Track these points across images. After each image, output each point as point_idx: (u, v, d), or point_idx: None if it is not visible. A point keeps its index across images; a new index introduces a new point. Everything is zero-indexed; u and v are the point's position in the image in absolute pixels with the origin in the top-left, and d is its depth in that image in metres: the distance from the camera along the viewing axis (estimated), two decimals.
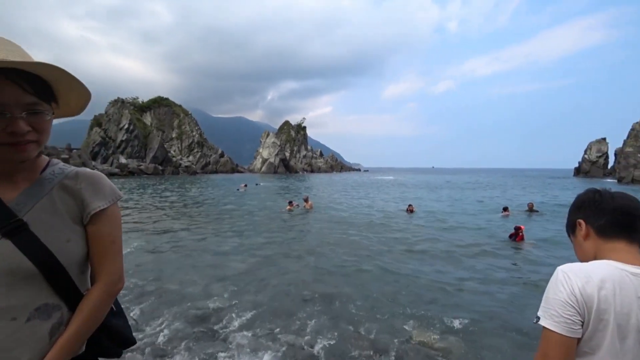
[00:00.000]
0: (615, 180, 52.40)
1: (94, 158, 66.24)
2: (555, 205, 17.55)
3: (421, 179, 56.54)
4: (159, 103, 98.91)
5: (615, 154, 62.72)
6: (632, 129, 60.11)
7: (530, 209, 14.55)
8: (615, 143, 67.64)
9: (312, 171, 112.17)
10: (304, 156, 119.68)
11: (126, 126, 74.07)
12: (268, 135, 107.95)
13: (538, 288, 5.25)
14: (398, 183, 43.69)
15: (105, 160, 67.34)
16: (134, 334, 1.13)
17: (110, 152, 70.30)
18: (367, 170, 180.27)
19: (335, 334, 3.86)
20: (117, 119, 75.38)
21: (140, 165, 67.36)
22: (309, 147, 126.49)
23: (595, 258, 1.07)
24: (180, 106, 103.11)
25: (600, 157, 68.14)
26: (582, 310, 0.94)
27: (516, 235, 8.77)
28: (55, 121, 0.96)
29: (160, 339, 3.71)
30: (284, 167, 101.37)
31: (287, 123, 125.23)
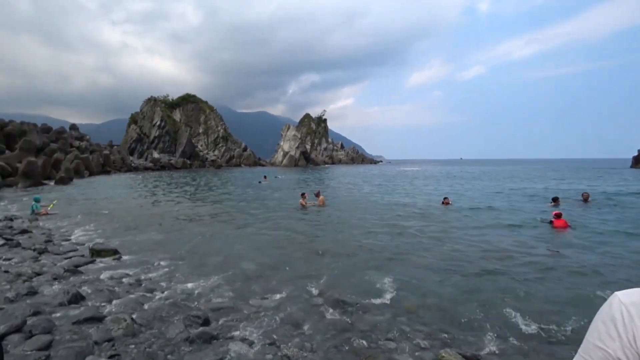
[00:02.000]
0: None
1: (131, 153, 71.73)
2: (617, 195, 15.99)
3: (449, 170, 54.81)
4: (187, 100, 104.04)
5: None
6: None
7: (585, 200, 13.65)
8: None
9: (332, 163, 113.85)
10: (325, 149, 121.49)
11: (158, 123, 79.23)
12: (289, 128, 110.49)
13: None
14: (426, 175, 41.56)
15: (140, 156, 72.82)
16: None
17: (145, 147, 75.73)
18: (390, 162, 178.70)
19: None
20: (150, 116, 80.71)
21: (171, 160, 72.18)
22: (329, 140, 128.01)
23: None
24: (206, 102, 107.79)
25: None
26: None
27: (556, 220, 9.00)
28: (101, 120, 1.74)
29: None
30: (305, 160, 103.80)
31: (307, 116, 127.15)
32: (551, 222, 9.21)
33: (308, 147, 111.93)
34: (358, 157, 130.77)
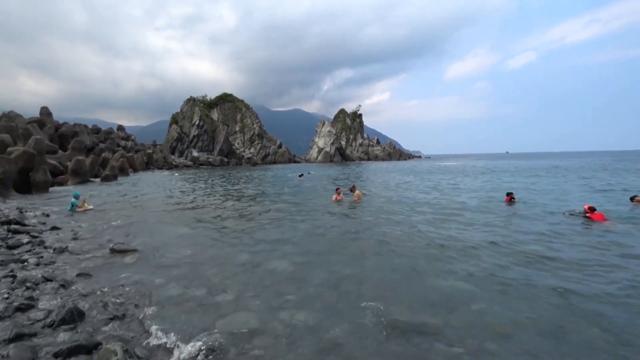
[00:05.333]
0: None
1: (172, 152, 75.12)
2: None
3: (498, 165, 49.54)
4: (224, 99, 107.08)
5: None
6: None
7: None
8: None
9: (368, 159, 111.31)
10: (360, 144, 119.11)
11: (197, 122, 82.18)
12: (324, 124, 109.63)
13: None
14: (478, 171, 36.27)
15: (181, 154, 76.02)
16: None
17: (185, 146, 78.92)
18: (429, 157, 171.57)
19: None
20: (190, 116, 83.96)
21: (209, 158, 74.48)
22: (365, 135, 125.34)
23: None
24: (242, 101, 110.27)
25: None
26: None
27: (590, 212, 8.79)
28: (148, 122, 1.29)
29: None
30: (340, 156, 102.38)
31: (342, 111, 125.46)
32: (587, 216, 8.88)
33: (343, 143, 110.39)
34: (395, 152, 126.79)
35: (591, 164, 46.55)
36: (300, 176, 29.93)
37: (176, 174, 40.18)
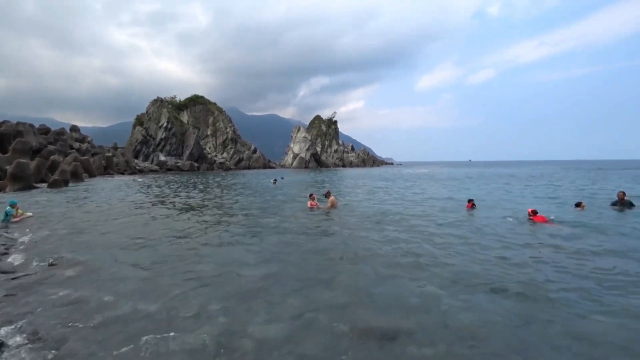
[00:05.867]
0: None
1: (136, 156, 70.18)
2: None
3: (465, 172, 52.27)
4: (195, 101, 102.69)
5: None
6: None
7: (621, 200, 12.13)
8: None
9: (343, 166, 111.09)
10: (335, 150, 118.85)
11: (165, 124, 77.63)
12: (299, 130, 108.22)
13: None
14: (447, 176, 38.96)
15: (146, 158, 71.16)
16: None
17: (151, 149, 74.09)
18: (401, 164, 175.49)
19: None
20: (157, 117, 79.21)
21: (178, 162, 70.34)
22: (340, 142, 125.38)
23: None
24: (214, 104, 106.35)
25: None
26: None
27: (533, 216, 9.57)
28: (108, 124, 0.74)
29: None
30: (315, 162, 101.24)
31: (318, 117, 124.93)
32: (530, 219, 9.60)
33: (318, 149, 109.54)
34: (369, 159, 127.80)
35: (543, 171, 49.85)
36: (274, 182, 28.42)
37: (139, 180, 36.76)
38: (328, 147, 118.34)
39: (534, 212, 9.73)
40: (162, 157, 70.60)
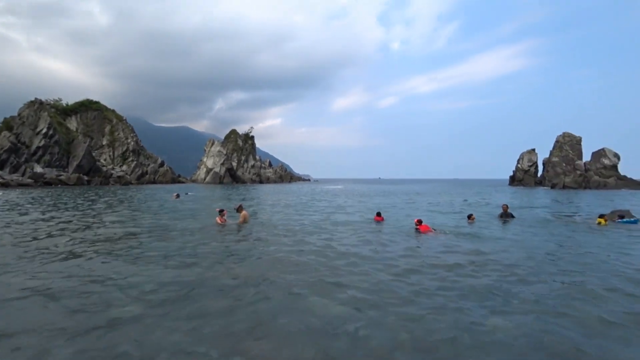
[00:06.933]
0: (549, 187, 59.03)
1: (1, 167, 57.01)
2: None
3: (375, 189, 56.05)
4: (87, 107, 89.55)
5: (543, 164, 70.50)
6: (557, 141, 69.81)
7: (505, 212, 13.53)
8: (542, 154, 73.31)
9: (260, 182, 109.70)
10: (252, 166, 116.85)
11: (44, 130, 65.33)
12: (213, 143, 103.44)
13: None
14: (359, 193, 40.25)
15: (15, 170, 58.28)
16: None
17: (23, 159, 61.14)
18: (317, 181, 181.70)
19: None
20: (34, 122, 66.21)
21: (61, 175, 59.61)
22: (257, 157, 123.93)
23: None
24: (113, 111, 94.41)
25: (531, 166, 73.29)
26: None
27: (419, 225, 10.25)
28: None
29: None
30: (231, 177, 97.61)
31: (234, 132, 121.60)
32: (417, 228, 10.17)
33: (234, 164, 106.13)
34: (286, 175, 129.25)
35: (437, 188, 57.46)
36: (176, 196, 26.28)
37: (0, 193, 29.84)
38: (245, 162, 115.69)
39: (419, 222, 10.27)
40: (38, 169, 58.80)
